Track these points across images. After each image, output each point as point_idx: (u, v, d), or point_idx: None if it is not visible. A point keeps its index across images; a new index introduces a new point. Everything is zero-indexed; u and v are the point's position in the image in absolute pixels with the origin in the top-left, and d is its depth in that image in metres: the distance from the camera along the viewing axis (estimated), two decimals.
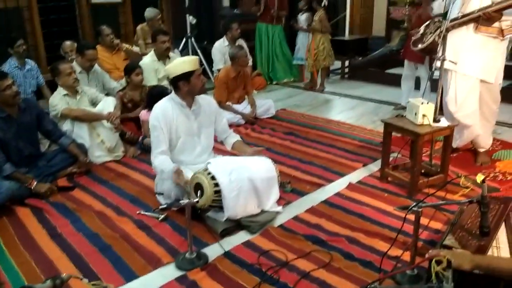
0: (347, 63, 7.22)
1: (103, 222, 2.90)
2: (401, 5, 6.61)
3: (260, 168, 2.86)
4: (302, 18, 6.60)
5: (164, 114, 2.90)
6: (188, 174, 2.82)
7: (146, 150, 3.86)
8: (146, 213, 2.97)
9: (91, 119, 3.86)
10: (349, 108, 5.60)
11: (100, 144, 3.88)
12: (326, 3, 6.15)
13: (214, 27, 7.26)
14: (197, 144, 3.09)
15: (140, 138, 4.17)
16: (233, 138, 3.25)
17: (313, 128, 4.75)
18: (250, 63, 6.42)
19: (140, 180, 3.55)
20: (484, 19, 3.14)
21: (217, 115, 3.22)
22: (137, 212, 3.00)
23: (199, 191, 2.62)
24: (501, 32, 3.25)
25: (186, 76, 2.85)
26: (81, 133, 3.83)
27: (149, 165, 3.37)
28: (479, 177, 2.00)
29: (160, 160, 2.92)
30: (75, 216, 3.00)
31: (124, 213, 3.02)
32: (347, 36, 8.68)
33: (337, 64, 7.31)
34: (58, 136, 3.61)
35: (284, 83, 6.93)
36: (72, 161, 3.62)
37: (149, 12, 5.77)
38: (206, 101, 3.14)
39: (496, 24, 3.20)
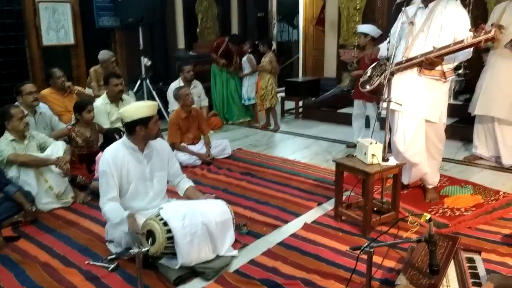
0: (301, 103, 7.39)
1: (49, 274, 2.75)
2: (349, 48, 6.92)
3: (215, 212, 2.82)
4: (244, 60, 6.78)
5: (114, 159, 2.84)
6: (140, 220, 2.74)
7: (96, 194, 3.74)
8: (95, 263, 2.84)
9: (39, 165, 3.71)
10: (304, 147, 5.69)
11: (48, 190, 3.72)
12: (275, 48, 6.37)
13: (169, 68, 7.30)
14: (149, 189, 3.02)
15: (91, 181, 4.05)
16: (186, 183, 3.20)
17: (269, 167, 4.78)
18: (206, 103, 6.51)
19: (90, 228, 3.41)
20: (426, 63, 3.32)
21: (170, 159, 3.17)
22: (86, 262, 2.86)
23: (150, 238, 2.55)
24: (443, 74, 3.42)
25: (144, 121, 2.82)
26: (27, 179, 3.66)
27: (100, 211, 3.25)
28: (425, 217, 2.05)
29: (110, 207, 2.83)
30: (19, 268, 2.83)
31: (71, 264, 2.87)
32: (300, 77, 8.97)
33: (292, 104, 7.50)
34: (3, 184, 3.45)
35: (240, 123, 7.00)
36: (17, 210, 3.45)
37: (103, 54, 5.75)
38: (159, 144, 3.10)
39: (438, 68, 3.37)
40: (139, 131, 2.84)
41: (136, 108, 2.86)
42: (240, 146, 5.69)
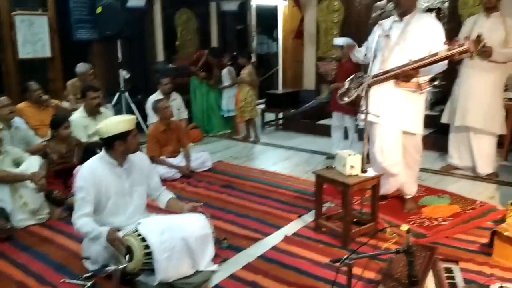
0: (281, 115, 7.44)
1: None
2: (327, 60, 7.02)
3: (194, 226, 2.79)
4: (224, 72, 6.81)
5: (92, 175, 2.78)
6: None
7: (72, 210, 3.66)
8: (72, 281, 2.77)
9: (13, 180, 3.62)
10: (284, 159, 5.70)
11: (23, 207, 3.63)
12: (254, 60, 6.44)
13: (148, 81, 7.26)
14: (129, 204, 2.95)
15: (68, 196, 3.97)
16: (167, 195, 3.17)
17: (249, 180, 4.77)
18: (186, 116, 6.49)
19: (66, 245, 3.33)
20: (402, 76, 3.38)
21: (150, 172, 3.13)
22: (62, 280, 2.79)
23: (128, 255, 2.50)
24: (420, 86, 3.48)
25: (122, 136, 2.78)
26: (1, 195, 3.57)
27: None
28: (403, 227, 2.07)
29: (84, 222, 2.74)
30: None
31: (47, 282, 2.80)
32: (280, 89, 9.03)
33: (272, 116, 7.53)
34: None
35: (221, 135, 6.99)
36: None
37: (81, 67, 5.69)
38: (138, 158, 3.05)
39: (415, 80, 3.43)
40: (117, 146, 2.80)
41: (114, 123, 2.81)
42: (221, 158, 5.67)
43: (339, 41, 5.29)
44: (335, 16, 7.06)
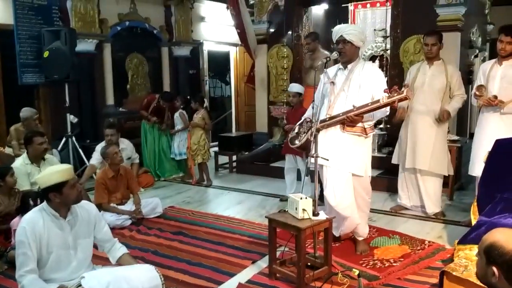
0: (234, 157, 7.44)
1: None
2: (279, 104, 7.20)
3: (142, 278, 2.64)
4: (176, 115, 6.82)
5: (32, 228, 2.60)
6: None
7: (13, 263, 3.42)
8: None
9: None
10: (238, 203, 5.65)
11: None
12: (207, 104, 6.48)
13: (97, 125, 7.09)
14: (73, 258, 2.76)
15: (8, 249, 3.72)
16: (119, 251, 2.98)
17: (202, 225, 4.66)
18: (137, 160, 6.35)
19: None
20: (348, 121, 3.50)
21: (97, 223, 2.95)
22: None
23: None
24: (364, 130, 3.61)
25: (57, 188, 2.62)
26: None
27: (16, 282, 2.96)
28: (354, 272, 2.07)
29: (30, 280, 2.55)
30: None
31: None
32: (233, 132, 9.10)
33: (225, 159, 7.52)
34: None
35: (173, 179, 6.87)
36: None
37: (25, 112, 5.50)
38: (84, 208, 2.88)
39: (360, 124, 3.56)
40: (53, 198, 2.63)
41: (48, 174, 2.65)
42: (172, 203, 5.54)
43: (297, 88, 5.44)
44: (284, 62, 7.29)
